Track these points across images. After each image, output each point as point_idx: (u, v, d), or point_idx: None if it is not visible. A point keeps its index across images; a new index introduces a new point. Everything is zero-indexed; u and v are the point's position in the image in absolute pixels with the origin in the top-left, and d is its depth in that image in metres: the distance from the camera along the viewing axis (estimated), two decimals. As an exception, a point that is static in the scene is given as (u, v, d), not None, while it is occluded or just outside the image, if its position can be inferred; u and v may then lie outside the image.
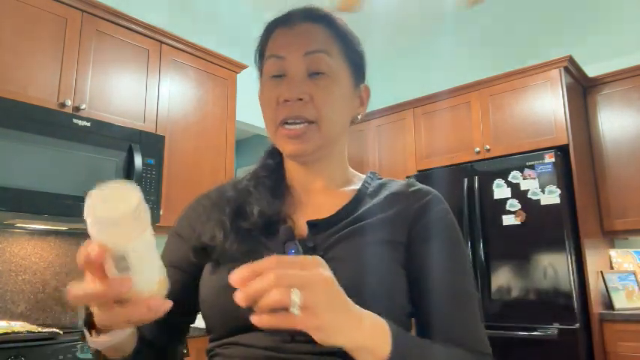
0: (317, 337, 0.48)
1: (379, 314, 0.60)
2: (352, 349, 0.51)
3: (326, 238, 0.69)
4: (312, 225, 0.70)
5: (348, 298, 0.51)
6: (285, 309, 0.45)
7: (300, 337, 0.62)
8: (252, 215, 0.70)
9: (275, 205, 0.72)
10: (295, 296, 0.45)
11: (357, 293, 0.62)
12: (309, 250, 0.67)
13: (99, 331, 0.56)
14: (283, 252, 0.66)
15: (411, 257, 0.70)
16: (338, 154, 0.79)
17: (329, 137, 0.73)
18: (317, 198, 0.77)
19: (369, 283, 0.64)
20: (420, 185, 0.78)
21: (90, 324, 0.57)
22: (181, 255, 0.75)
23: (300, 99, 0.70)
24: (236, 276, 0.47)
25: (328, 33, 0.75)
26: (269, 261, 0.47)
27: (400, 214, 0.72)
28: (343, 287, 0.62)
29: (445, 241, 0.72)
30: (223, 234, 0.68)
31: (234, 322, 0.65)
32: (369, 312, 0.54)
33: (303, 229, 0.71)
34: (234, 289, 0.64)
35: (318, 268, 0.49)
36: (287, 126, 0.71)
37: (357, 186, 0.79)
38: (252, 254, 0.66)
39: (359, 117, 0.81)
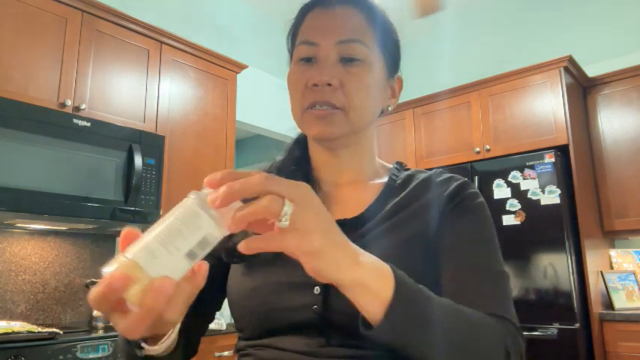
0: (311, 265, 0.44)
1: None
2: (349, 285, 0.46)
3: (355, 239, 0.65)
4: (341, 224, 0.68)
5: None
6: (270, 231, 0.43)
7: (335, 341, 0.61)
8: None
9: None
10: (287, 206, 0.41)
11: None
12: None
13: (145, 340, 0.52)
14: None
15: (439, 237, 0.67)
16: (366, 145, 0.76)
17: (356, 125, 0.70)
18: (346, 192, 0.75)
19: None
20: (448, 174, 0.75)
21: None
22: None
23: (330, 84, 0.67)
24: (210, 178, 0.42)
25: (365, 19, 0.71)
26: (255, 173, 0.42)
27: (430, 201, 0.70)
28: None
29: (474, 220, 0.69)
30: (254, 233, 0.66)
31: (267, 324, 0.64)
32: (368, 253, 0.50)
33: None
34: (267, 292, 0.63)
35: (309, 189, 0.45)
36: (314, 108, 0.69)
37: (385, 179, 0.77)
38: (285, 257, 0.64)
39: (390, 108, 0.78)
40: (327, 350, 0.61)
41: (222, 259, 0.69)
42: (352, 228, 0.67)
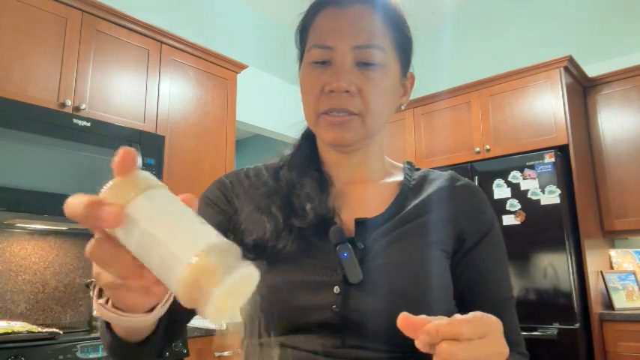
0: None
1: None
2: None
3: (376, 239, 0.67)
4: (359, 223, 0.68)
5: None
6: None
7: (351, 341, 0.60)
8: (306, 213, 0.66)
9: (325, 201, 0.69)
10: None
11: (413, 298, 0.62)
12: (359, 252, 0.65)
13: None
14: (335, 255, 0.64)
15: (466, 263, 0.69)
16: (377, 145, 0.76)
17: (372, 130, 0.70)
18: (360, 191, 0.74)
19: (423, 288, 0.63)
20: (464, 180, 0.76)
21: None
22: (214, 224, 0.69)
23: (347, 91, 0.66)
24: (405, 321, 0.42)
25: (381, 19, 0.69)
26: (447, 328, 0.41)
27: (448, 212, 0.70)
28: (399, 292, 0.62)
29: (497, 247, 0.73)
30: (276, 231, 0.65)
31: (283, 323, 0.63)
32: None
33: (350, 227, 0.68)
34: (285, 290, 0.63)
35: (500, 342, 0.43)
36: (330, 114, 0.67)
37: (397, 177, 0.76)
38: (304, 256, 0.65)
39: (402, 107, 0.77)
40: (342, 351, 0.60)
41: None
42: (370, 228, 0.68)
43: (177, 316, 0.59)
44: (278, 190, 0.71)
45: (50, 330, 1.73)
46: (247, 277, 0.35)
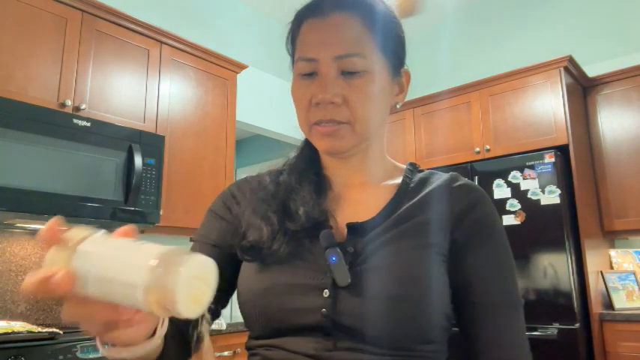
0: None
1: (426, 322, 0.60)
2: None
3: (367, 242, 0.67)
4: (352, 227, 0.68)
5: None
6: None
7: (342, 344, 0.61)
8: (299, 216, 0.68)
9: (319, 205, 0.70)
10: None
11: (404, 300, 0.61)
12: (349, 256, 0.65)
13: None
14: (324, 258, 0.65)
15: (459, 263, 0.68)
16: (376, 148, 0.76)
17: (364, 136, 0.70)
18: (357, 193, 0.74)
19: (414, 290, 0.62)
20: (463, 180, 0.74)
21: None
22: (219, 233, 0.73)
23: (333, 102, 0.66)
24: None
25: (363, 24, 0.68)
26: None
27: (444, 213, 0.69)
28: (389, 295, 0.62)
29: (495, 248, 0.70)
30: (271, 234, 0.67)
31: (276, 325, 0.64)
32: None
33: (343, 231, 0.69)
34: (277, 292, 0.64)
35: None
36: (320, 124, 0.68)
37: (397, 180, 0.76)
38: (296, 258, 0.66)
39: (398, 105, 0.76)
40: (334, 354, 0.61)
41: (234, 255, 0.70)
42: (363, 232, 0.67)
43: (182, 322, 0.62)
44: (276, 194, 0.72)
45: (50, 330, 1.73)
46: (199, 265, 0.37)
